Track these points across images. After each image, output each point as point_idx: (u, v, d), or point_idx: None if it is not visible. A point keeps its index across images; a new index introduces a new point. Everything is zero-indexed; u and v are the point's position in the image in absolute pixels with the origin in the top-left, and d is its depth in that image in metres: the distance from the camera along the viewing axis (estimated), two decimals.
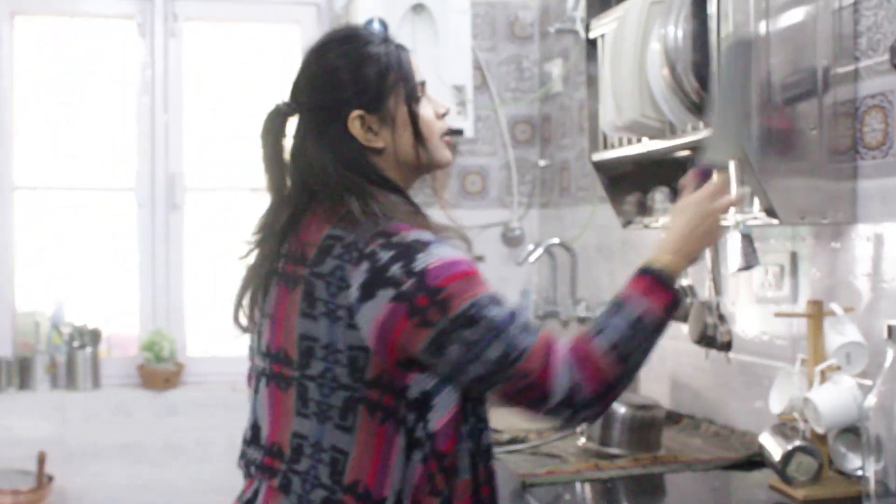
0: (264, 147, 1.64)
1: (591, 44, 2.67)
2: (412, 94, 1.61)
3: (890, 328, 1.76)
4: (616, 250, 3.20)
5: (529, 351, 1.48)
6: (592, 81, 2.65)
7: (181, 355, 3.77)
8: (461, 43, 3.65)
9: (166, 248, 3.78)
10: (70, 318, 3.72)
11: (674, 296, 1.60)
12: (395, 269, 1.45)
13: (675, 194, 2.59)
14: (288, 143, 1.64)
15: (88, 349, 3.61)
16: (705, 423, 2.56)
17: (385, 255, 1.46)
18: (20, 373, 3.58)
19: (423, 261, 1.46)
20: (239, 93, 3.92)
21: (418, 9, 3.57)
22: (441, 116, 1.66)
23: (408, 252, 1.47)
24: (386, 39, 1.64)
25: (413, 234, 1.50)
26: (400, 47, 1.64)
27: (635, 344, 1.54)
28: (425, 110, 1.63)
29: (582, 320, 3.40)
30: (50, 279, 3.79)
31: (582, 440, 2.31)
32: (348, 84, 1.58)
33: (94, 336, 3.64)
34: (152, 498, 3.63)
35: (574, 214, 3.55)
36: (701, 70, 2.08)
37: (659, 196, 2.60)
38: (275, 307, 1.59)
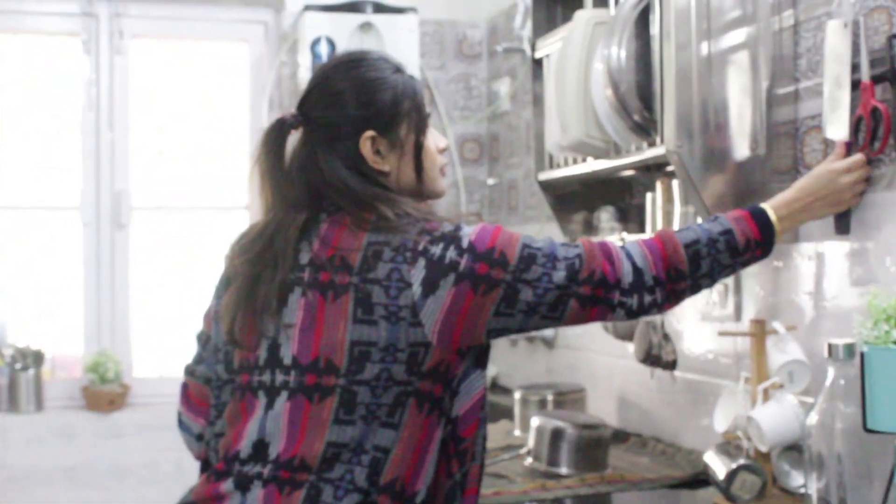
0: (266, 156, 1.65)
1: (538, 63, 2.69)
2: (422, 124, 1.67)
3: (830, 346, 1.78)
4: None
5: (584, 255, 1.57)
6: (538, 101, 2.67)
7: (127, 376, 3.72)
8: (410, 62, 3.64)
9: (112, 267, 3.73)
10: (12, 340, 3.64)
11: (762, 238, 1.71)
12: (449, 255, 1.51)
13: (620, 213, 2.61)
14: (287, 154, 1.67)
15: (31, 371, 3.55)
16: (652, 441, 2.57)
17: (437, 249, 1.52)
18: None
19: (466, 238, 1.53)
20: (186, 110, 3.89)
21: (366, 27, 3.56)
22: (441, 151, 1.73)
23: (452, 238, 1.53)
24: (400, 69, 1.69)
25: (447, 226, 1.56)
26: (413, 78, 1.70)
27: (711, 250, 1.65)
28: (429, 142, 1.69)
29: (530, 339, 3.40)
30: None
31: (528, 461, 2.31)
32: (365, 105, 1.62)
33: (38, 357, 3.57)
34: None
35: (522, 231, 3.55)
36: (644, 91, 2.10)
37: (605, 215, 2.62)
38: (304, 317, 1.56)
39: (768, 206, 1.76)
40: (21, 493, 3.49)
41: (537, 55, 2.67)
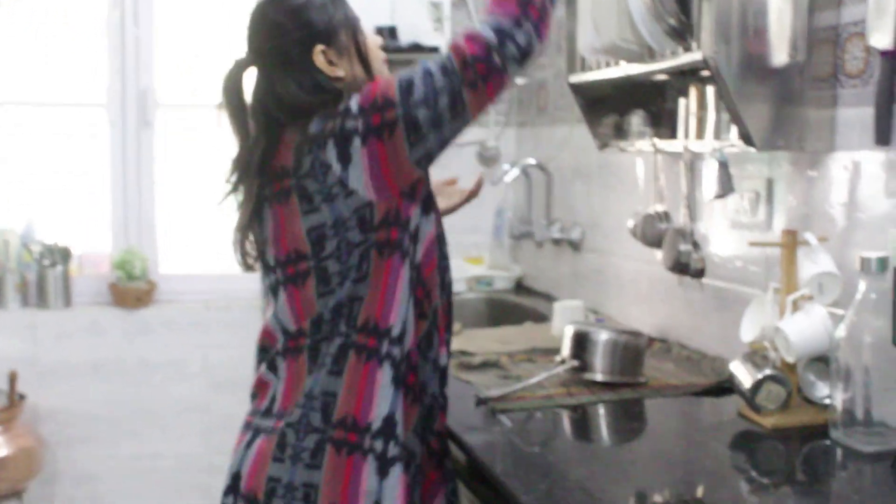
0: (229, 99, 1.81)
1: None
2: (356, 28, 1.82)
3: (862, 260, 1.76)
4: (592, 172, 3.17)
5: (451, 52, 1.67)
6: (571, 1, 2.59)
7: (153, 273, 3.75)
8: None
9: (137, 165, 3.73)
10: (40, 237, 3.66)
11: None
12: (348, 125, 1.66)
13: (652, 118, 2.57)
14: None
15: (59, 267, 3.57)
16: (677, 346, 2.56)
17: (336, 124, 1.67)
18: None
19: (355, 104, 1.68)
20: (211, 7, 3.82)
21: None
22: (380, 46, 1.88)
23: (346, 111, 1.68)
24: None
25: (352, 98, 1.70)
26: None
27: None
28: (369, 41, 1.84)
29: (556, 241, 3.39)
30: (20, 196, 3.72)
31: (562, 367, 2.28)
32: (306, 25, 1.75)
33: (65, 254, 3.60)
34: (126, 416, 3.65)
35: (551, 134, 3.52)
36: None
37: (636, 119, 2.57)
38: (273, 226, 1.78)
39: None
40: (51, 387, 3.56)
41: None
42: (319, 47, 1.75)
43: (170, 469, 3.68)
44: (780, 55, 2.00)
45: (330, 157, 1.67)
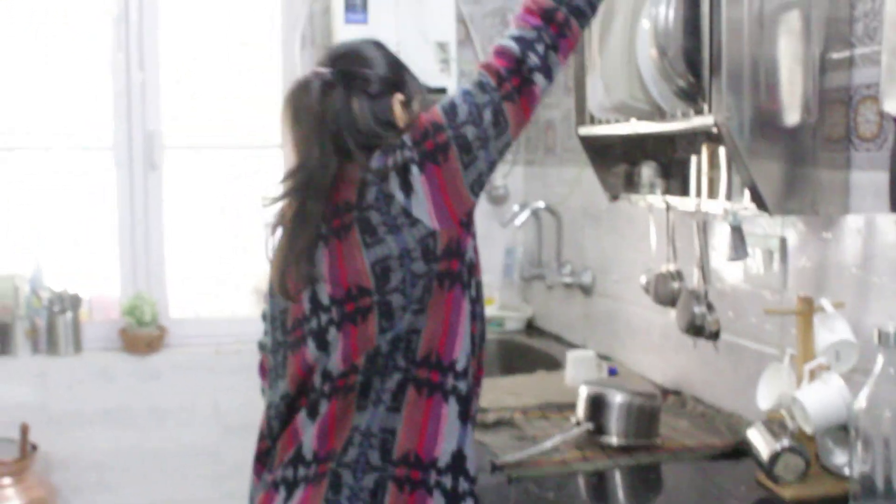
0: (301, 112, 1.78)
1: None
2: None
3: (880, 333, 1.74)
4: (602, 216, 3.16)
5: (484, 70, 1.72)
6: (579, 56, 2.57)
7: (163, 318, 3.73)
8: None
9: (145, 208, 3.72)
10: (49, 282, 3.65)
11: None
12: (403, 156, 1.69)
13: (663, 169, 2.55)
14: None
15: (69, 314, 3.56)
16: (692, 401, 2.54)
17: (395, 159, 1.70)
18: (0, 338, 3.53)
19: (407, 139, 1.71)
20: (217, 48, 3.82)
21: None
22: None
23: (401, 145, 1.71)
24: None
25: (405, 135, 1.73)
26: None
27: None
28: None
29: (567, 285, 3.37)
30: (27, 242, 3.71)
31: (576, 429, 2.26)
32: (394, 71, 1.82)
33: (75, 301, 3.59)
34: (138, 462, 3.63)
35: (559, 174, 3.50)
36: (691, 56, 2.01)
37: (646, 171, 2.56)
38: (330, 263, 1.73)
39: None
40: (61, 434, 3.54)
41: None
42: (399, 96, 1.79)
43: None
44: (792, 116, 1.98)
45: (393, 188, 1.68)
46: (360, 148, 1.74)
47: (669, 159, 2.56)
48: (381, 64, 1.82)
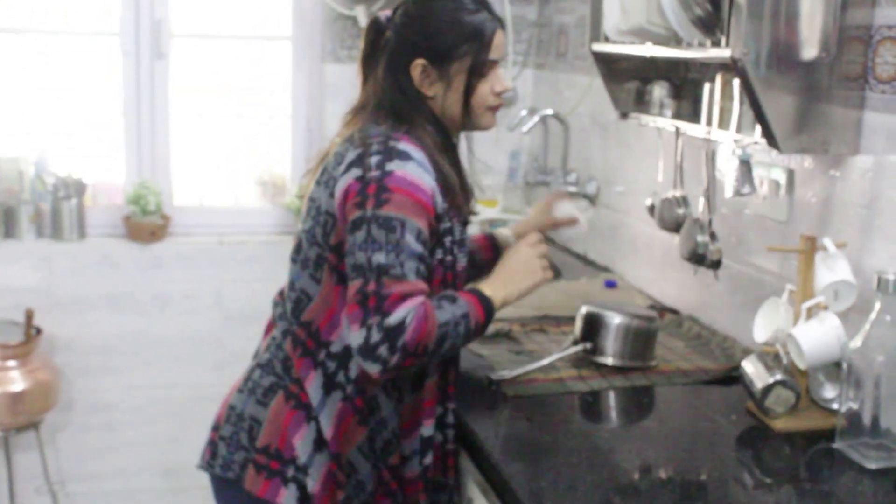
0: (364, 47, 1.90)
1: None
2: (477, 69, 1.83)
3: (879, 279, 1.76)
4: (611, 128, 3.14)
5: (406, 280, 1.69)
6: None
7: (168, 206, 3.75)
8: None
9: (151, 96, 3.69)
10: (54, 167, 3.65)
11: (485, 321, 1.82)
12: (373, 160, 1.73)
13: (675, 89, 2.53)
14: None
15: (74, 200, 3.57)
16: (688, 321, 2.58)
17: (374, 149, 1.74)
18: (5, 221, 3.55)
19: (396, 165, 1.72)
20: None
21: None
22: (498, 94, 1.88)
23: (390, 154, 1.73)
24: (482, 7, 1.85)
25: (406, 146, 1.76)
26: (490, 20, 1.84)
27: (455, 333, 1.75)
28: (483, 85, 1.85)
29: (572, 194, 3.37)
30: (33, 126, 3.70)
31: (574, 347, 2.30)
32: (427, 37, 1.81)
33: (79, 186, 3.59)
34: (140, 348, 3.70)
35: (570, 81, 3.47)
36: None
37: (658, 90, 2.54)
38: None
39: (487, 290, 1.84)
40: (65, 318, 3.60)
41: None
42: (420, 61, 1.81)
43: (183, 399, 3.74)
44: (809, 51, 1.96)
45: (347, 158, 1.77)
46: (383, 100, 1.83)
47: (682, 80, 2.54)
48: (419, 23, 1.82)
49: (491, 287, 1.86)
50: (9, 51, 3.63)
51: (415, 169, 1.73)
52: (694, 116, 2.39)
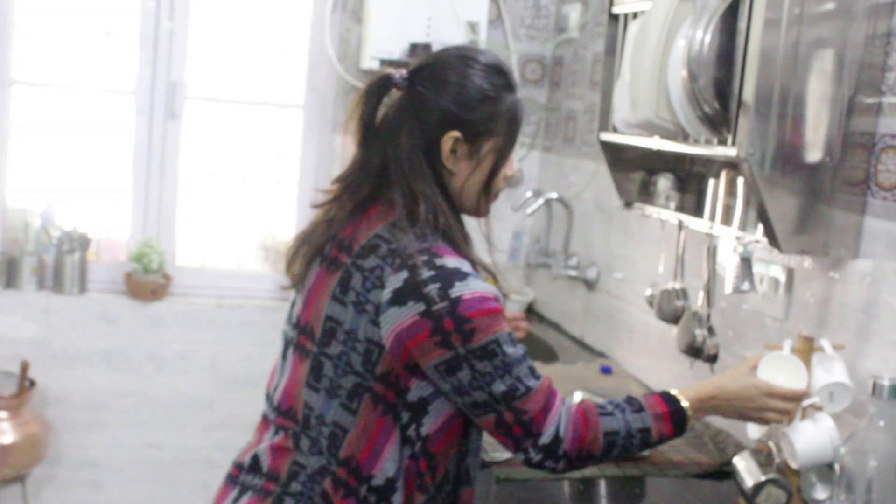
0: (363, 106, 1.70)
1: (614, 18, 2.60)
2: (507, 151, 1.72)
3: (875, 384, 1.77)
4: (614, 215, 3.18)
5: (533, 391, 1.62)
6: (610, 60, 2.59)
7: (170, 265, 3.77)
8: None
9: (162, 156, 3.73)
10: (60, 220, 3.68)
11: (674, 435, 1.75)
12: (432, 289, 1.57)
13: (680, 181, 2.57)
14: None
15: (77, 254, 3.59)
16: None
17: (425, 273, 1.58)
18: (7, 271, 3.57)
19: (459, 289, 1.57)
20: (249, 3, 3.81)
21: None
22: (506, 177, 1.76)
23: (447, 277, 1.58)
24: (513, 87, 1.71)
25: (455, 262, 1.61)
26: (519, 102, 1.72)
27: (627, 444, 1.70)
28: (505, 168, 1.73)
29: (572, 278, 3.40)
30: (42, 178, 3.73)
31: None
32: (465, 108, 1.65)
33: (84, 240, 3.62)
34: (133, 405, 3.69)
35: (576, 165, 3.52)
36: (722, 87, 2.02)
37: (663, 181, 2.58)
38: (311, 286, 1.72)
39: (687, 403, 1.76)
40: (60, 371, 3.60)
41: (615, 10, 2.58)
42: (455, 134, 1.65)
43: (171, 460, 3.73)
44: (814, 154, 2.00)
45: (390, 282, 1.60)
46: (401, 179, 1.65)
47: (687, 173, 2.58)
48: (455, 91, 1.65)
49: (696, 403, 1.77)
50: (24, 102, 3.67)
51: (474, 283, 1.59)
52: (697, 210, 2.42)
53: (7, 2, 3.54)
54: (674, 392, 1.77)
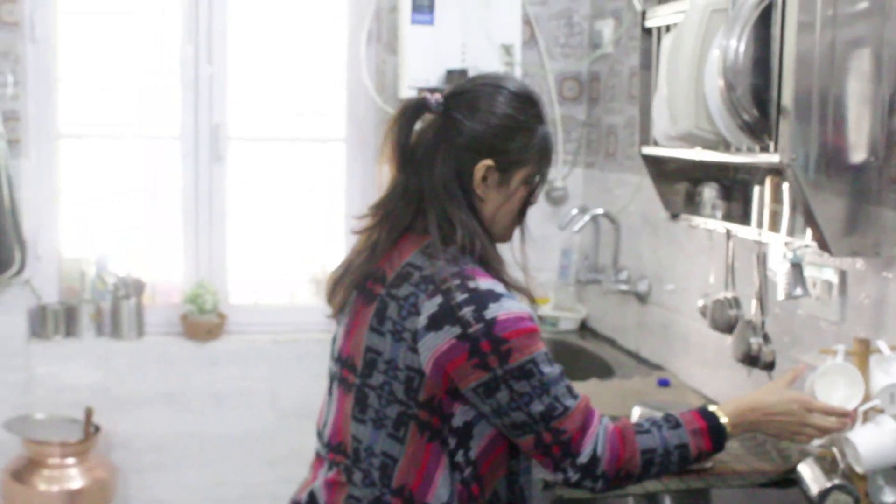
0: (397, 129, 1.71)
1: (647, 32, 2.61)
2: (538, 183, 1.74)
3: None
4: (661, 226, 3.17)
5: (571, 411, 1.64)
6: (646, 74, 2.59)
7: (224, 305, 3.82)
8: None
9: (209, 198, 3.80)
10: (114, 267, 3.75)
11: (713, 451, 1.76)
12: (467, 311, 1.58)
13: (724, 191, 2.56)
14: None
15: (133, 300, 3.66)
16: None
17: (459, 296, 1.59)
18: (66, 320, 3.64)
19: (494, 310, 1.58)
20: (285, 42, 3.87)
21: None
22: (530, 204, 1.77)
23: (481, 299, 1.59)
24: (543, 120, 1.73)
25: (488, 284, 1.62)
26: (549, 135, 1.74)
27: (665, 461, 1.71)
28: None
29: (623, 292, 3.39)
30: (95, 227, 3.81)
31: None
32: (500, 137, 1.67)
33: (139, 286, 3.68)
34: (196, 445, 3.74)
35: (620, 179, 3.52)
36: (760, 94, 2.02)
37: (708, 191, 2.57)
38: (350, 319, 1.75)
39: (726, 419, 1.76)
40: (122, 415, 3.66)
41: (648, 24, 2.59)
42: (488, 162, 1.67)
43: (236, 497, 3.76)
44: (858, 155, 1.99)
45: (425, 308, 1.61)
46: (437, 204, 1.66)
47: (732, 181, 2.57)
48: (487, 119, 1.66)
49: (735, 418, 1.77)
50: (73, 155, 3.75)
51: (508, 303, 1.61)
52: (744, 218, 2.41)
53: (52, 56, 3.62)
54: (712, 408, 1.77)
